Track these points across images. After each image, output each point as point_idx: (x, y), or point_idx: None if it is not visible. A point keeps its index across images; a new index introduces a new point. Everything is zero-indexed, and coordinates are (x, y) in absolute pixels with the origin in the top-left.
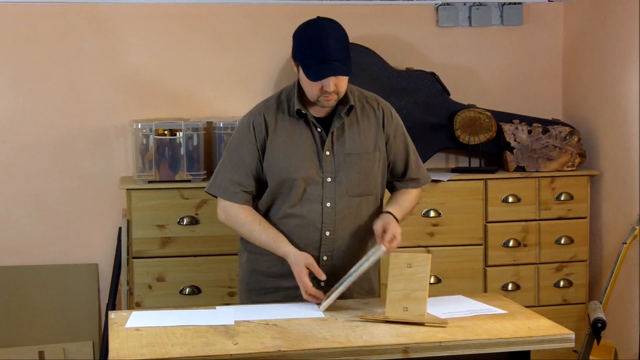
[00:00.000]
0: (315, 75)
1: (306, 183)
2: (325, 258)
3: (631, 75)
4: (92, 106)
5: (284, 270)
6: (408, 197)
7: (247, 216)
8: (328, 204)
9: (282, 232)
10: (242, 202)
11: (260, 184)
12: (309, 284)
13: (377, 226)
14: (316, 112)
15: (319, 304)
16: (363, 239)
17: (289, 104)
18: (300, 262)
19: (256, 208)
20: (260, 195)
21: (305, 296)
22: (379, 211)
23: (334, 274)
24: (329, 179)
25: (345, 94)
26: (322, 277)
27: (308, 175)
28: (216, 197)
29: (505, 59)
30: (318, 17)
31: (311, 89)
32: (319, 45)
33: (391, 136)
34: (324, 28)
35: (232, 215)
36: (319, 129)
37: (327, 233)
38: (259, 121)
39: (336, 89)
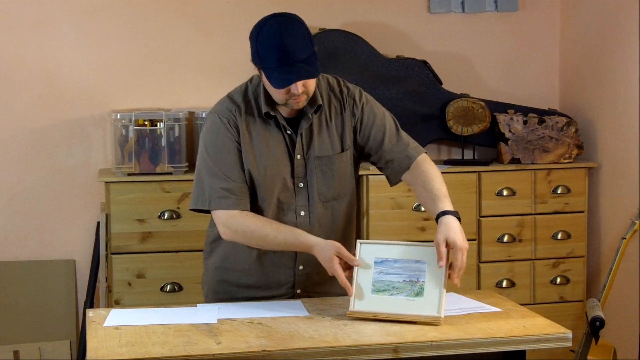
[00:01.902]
0: (279, 82)
1: (279, 191)
2: (301, 267)
3: (631, 64)
4: (69, 96)
5: (256, 280)
6: (436, 178)
7: (254, 222)
8: (302, 213)
9: (253, 247)
10: (242, 209)
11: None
12: (342, 273)
13: (439, 240)
14: (284, 112)
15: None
16: (342, 237)
17: (257, 104)
18: (329, 250)
19: None
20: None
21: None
22: (353, 212)
23: (311, 282)
24: (300, 185)
25: (314, 93)
26: (356, 262)
27: (282, 183)
28: (207, 212)
29: (499, 47)
30: (273, 15)
31: (277, 93)
32: (279, 47)
33: (361, 122)
34: (282, 26)
35: (238, 226)
36: (288, 132)
37: None
38: (233, 120)
39: (305, 89)
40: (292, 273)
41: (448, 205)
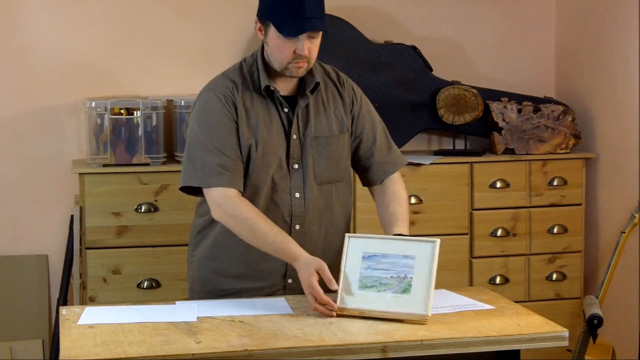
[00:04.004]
0: (291, 30)
1: (274, 171)
2: None
3: (630, 49)
4: (41, 83)
5: (246, 269)
6: (403, 203)
7: (249, 211)
8: (297, 195)
9: None
10: (237, 187)
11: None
12: (320, 290)
13: None
14: (281, 89)
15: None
16: (335, 231)
17: (253, 80)
18: (311, 265)
19: None
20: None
21: (314, 305)
22: (348, 201)
23: None
24: (295, 166)
25: (310, 71)
26: (334, 286)
27: (274, 160)
28: (198, 192)
29: (493, 32)
30: None
31: (281, 52)
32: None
33: (358, 115)
34: None
35: (232, 209)
36: (285, 109)
37: (297, 227)
38: (230, 97)
39: (309, 54)
40: (283, 261)
41: (404, 230)
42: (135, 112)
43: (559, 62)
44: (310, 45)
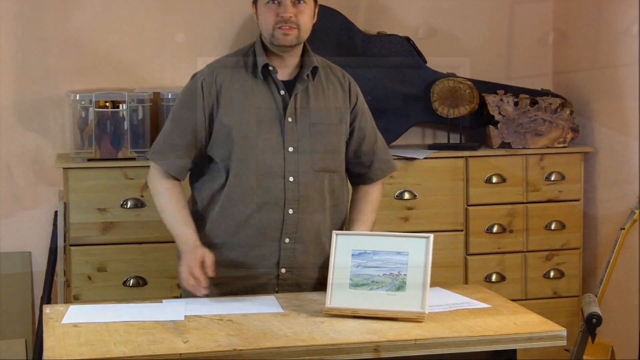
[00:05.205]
0: None
1: (265, 153)
2: (287, 240)
3: (630, 40)
4: (24, 75)
5: (238, 254)
6: (374, 209)
7: (169, 189)
8: (291, 179)
9: (236, 215)
10: (177, 173)
11: (200, 158)
12: (197, 267)
13: None
14: (280, 74)
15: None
16: (330, 220)
17: (247, 64)
18: (198, 252)
19: (203, 192)
20: (197, 174)
21: (185, 279)
22: (346, 194)
23: (298, 262)
24: (290, 149)
25: (308, 54)
26: (209, 275)
27: (267, 144)
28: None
29: (488, 23)
30: None
31: (265, 19)
32: None
33: (357, 114)
34: None
35: (155, 183)
36: (282, 92)
37: (290, 211)
38: (209, 81)
39: (295, 19)
40: (277, 247)
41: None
42: (120, 105)
43: (556, 54)
44: (296, 11)
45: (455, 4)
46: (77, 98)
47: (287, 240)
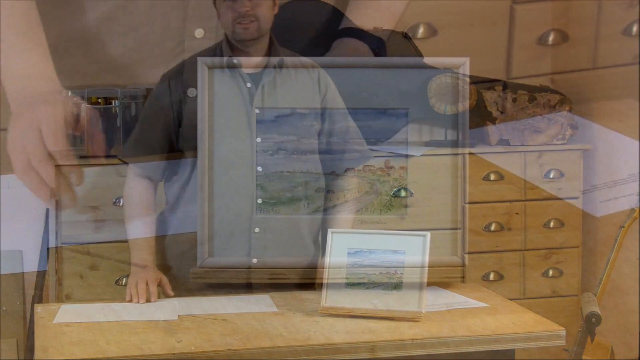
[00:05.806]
0: None
1: (232, 143)
2: (257, 230)
3: (630, 40)
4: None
5: (211, 245)
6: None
7: (140, 192)
8: (259, 168)
9: (204, 206)
10: (151, 172)
11: (172, 157)
12: (135, 289)
13: None
14: (246, 67)
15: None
16: (306, 209)
17: (214, 58)
18: (150, 274)
19: (173, 187)
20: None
21: (130, 289)
22: (322, 181)
23: (267, 249)
24: (259, 139)
25: (274, 46)
26: (169, 295)
27: (235, 134)
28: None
29: (487, 18)
30: None
31: (224, 15)
32: None
33: (328, 104)
34: None
35: (129, 182)
36: (248, 84)
37: (260, 200)
38: (176, 79)
39: (253, 12)
40: (247, 237)
41: None
42: (113, 102)
43: (555, 49)
44: (252, 4)
45: (456, 4)
46: (69, 94)
47: (257, 229)
